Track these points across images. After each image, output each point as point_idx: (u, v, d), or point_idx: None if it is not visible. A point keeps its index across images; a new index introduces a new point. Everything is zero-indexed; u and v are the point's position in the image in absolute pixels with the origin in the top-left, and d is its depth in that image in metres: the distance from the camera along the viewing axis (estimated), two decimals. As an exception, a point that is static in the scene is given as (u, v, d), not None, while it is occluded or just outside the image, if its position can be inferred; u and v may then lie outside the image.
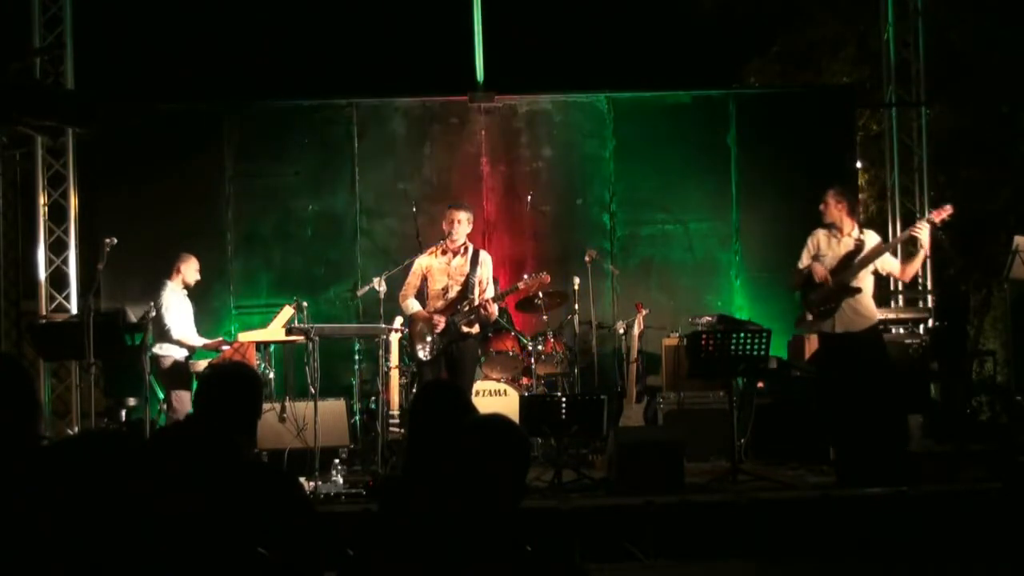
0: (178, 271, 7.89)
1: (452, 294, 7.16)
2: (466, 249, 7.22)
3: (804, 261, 7.16)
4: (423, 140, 9.43)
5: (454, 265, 7.19)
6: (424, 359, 7.06)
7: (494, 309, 7.22)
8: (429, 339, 7.05)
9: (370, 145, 9.37)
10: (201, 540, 2.35)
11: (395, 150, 9.41)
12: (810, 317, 7.15)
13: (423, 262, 7.25)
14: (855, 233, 7.06)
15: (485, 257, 7.30)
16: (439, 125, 9.45)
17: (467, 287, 7.15)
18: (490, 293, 7.29)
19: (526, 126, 9.48)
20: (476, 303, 7.09)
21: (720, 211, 9.47)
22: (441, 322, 7.05)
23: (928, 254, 7.21)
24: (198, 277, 7.98)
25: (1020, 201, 10.67)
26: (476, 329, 7.20)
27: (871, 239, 7.11)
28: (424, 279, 7.26)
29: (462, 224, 7.17)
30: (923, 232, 6.90)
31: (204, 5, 10.76)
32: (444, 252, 7.21)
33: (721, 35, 11.68)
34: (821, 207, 7.16)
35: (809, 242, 7.19)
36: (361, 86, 9.74)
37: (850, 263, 6.99)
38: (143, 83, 10.22)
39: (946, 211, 7.01)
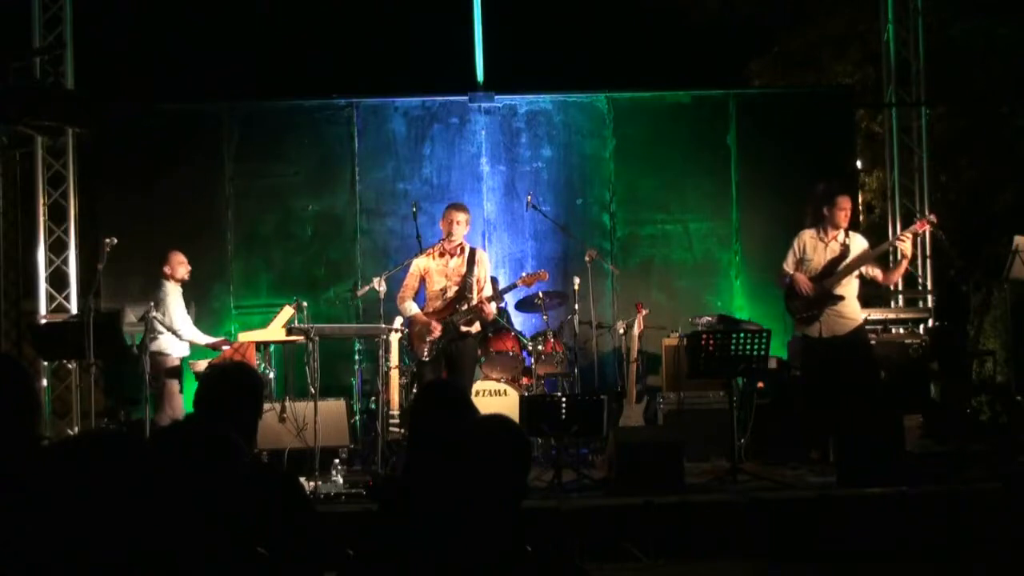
0: (167, 270, 7.86)
1: (450, 294, 7.18)
2: (463, 249, 7.23)
3: (789, 263, 7.31)
4: (423, 140, 9.43)
5: (452, 266, 7.20)
6: (424, 359, 7.08)
7: (491, 308, 7.24)
8: (428, 339, 7.07)
9: (370, 145, 9.37)
10: (201, 540, 2.35)
11: (395, 150, 9.41)
12: (792, 310, 7.25)
13: (421, 263, 7.25)
14: (841, 237, 7.16)
15: (482, 256, 7.31)
16: (439, 125, 9.45)
17: (465, 287, 7.15)
18: (488, 292, 7.31)
19: (526, 126, 9.48)
20: (474, 303, 7.09)
21: (720, 211, 9.47)
22: (437, 329, 7.06)
23: (909, 261, 7.30)
24: (188, 268, 7.96)
25: (1020, 201, 10.66)
26: (476, 328, 7.21)
27: (856, 244, 7.19)
28: (422, 280, 7.27)
29: (461, 225, 7.18)
30: (906, 243, 6.99)
31: (204, 5, 10.76)
32: (442, 254, 7.21)
33: (723, 36, 11.67)
34: (840, 216, 7.16)
35: (795, 244, 7.32)
36: (361, 86, 9.74)
37: (834, 269, 7.10)
38: (143, 83, 10.22)
39: (928, 221, 7.21)
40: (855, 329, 7.19)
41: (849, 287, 7.17)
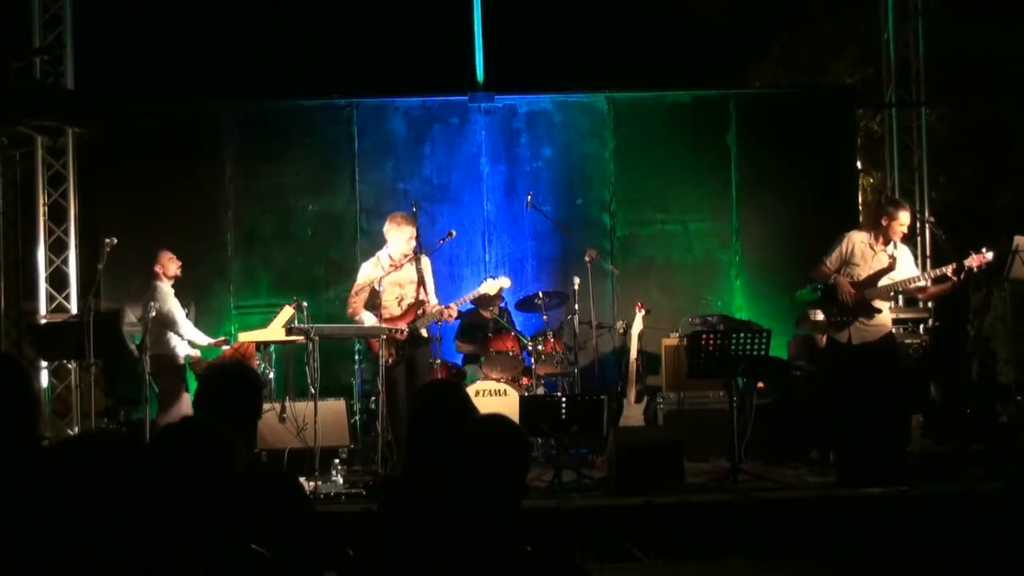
0: (159, 269, 7.83)
1: (409, 300, 7.29)
2: (410, 258, 7.30)
3: (832, 260, 7.04)
4: (423, 140, 9.43)
5: (404, 275, 7.28)
6: (390, 364, 7.12)
7: (454, 311, 7.40)
8: (394, 347, 7.14)
9: (370, 145, 9.37)
10: (200, 540, 2.35)
11: (395, 150, 9.41)
12: (818, 316, 7.18)
13: (372, 274, 7.27)
14: (890, 248, 7.00)
15: (426, 261, 7.41)
16: (439, 125, 9.45)
17: (419, 292, 7.28)
18: (430, 292, 7.39)
19: (526, 126, 9.48)
20: (436, 308, 7.24)
21: (720, 211, 9.46)
22: (404, 334, 7.16)
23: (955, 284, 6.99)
24: (179, 264, 7.93)
25: (1021, 201, 10.66)
26: (426, 332, 7.40)
27: (904, 258, 7.00)
28: (373, 290, 7.29)
29: (394, 238, 7.26)
30: (957, 277, 6.83)
31: (204, 5, 10.75)
32: (392, 265, 7.24)
33: (725, 37, 11.66)
34: (903, 230, 6.98)
35: (844, 243, 7.04)
36: (361, 86, 9.74)
37: (877, 280, 6.94)
38: (143, 83, 10.22)
39: (985, 258, 6.82)
40: (885, 335, 7.05)
41: (886, 302, 7.11)
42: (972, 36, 10.77)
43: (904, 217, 6.96)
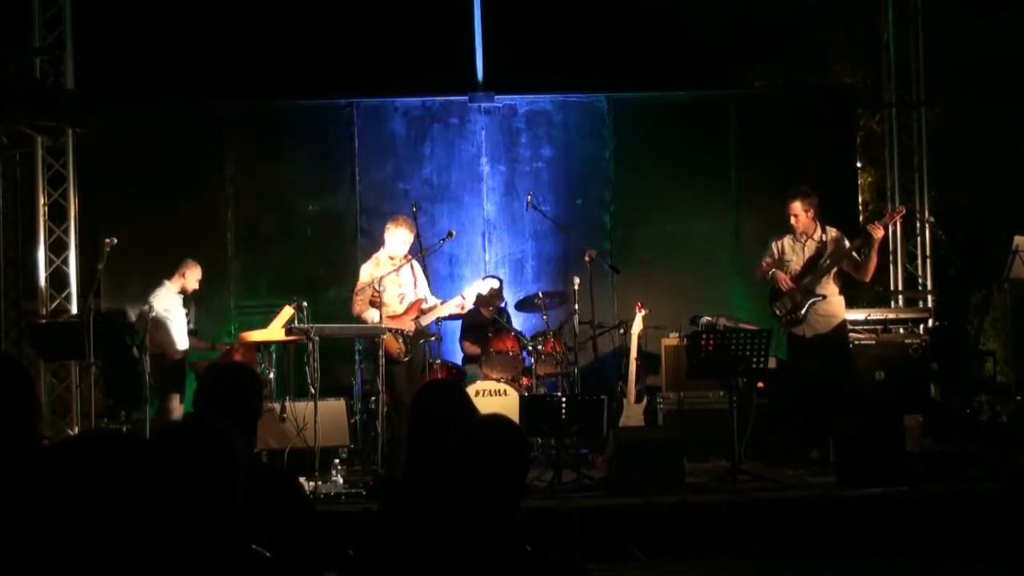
0: (182, 275, 7.88)
1: (409, 298, 7.41)
2: (409, 258, 7.47)
3: (767, 263, 7.42)
4: (423, 140, 9.43)
5: (403, 274, 7.41)
6: (403, 359, 7.26)
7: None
8: (402, 341, 7.23)
9: (370, 145, 9.37)
10: (200, 541, 2.35)
11: (395, 150, 9.41)
12: (777, 312, 7.33)
13: (375, 273, 7.31)
14: (817, 235, 7.21)
15: (416, 264, 7.61)
16: (439, 125, 9.45)
17: (417, 290, 7.46)
18: (423, 291, 7.56)
19: (526, 126, 9.48)
20: (431, 302, 7.45)
21: (720, 211, 9.47)
22: (412, 328, 7.30)
23: (877, 253, 7.24)
24: (197, 287, 7.98)
25: (1021, 201, 10.65)
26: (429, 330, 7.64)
27: (832, 238, 7.22)
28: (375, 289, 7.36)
29: (395, 241, 7.39)
30: (879, 231, 7.08)
31: (204, 5, 10.75)
32: (394, 267, 7.34)
33: (725, 37, 11.65)
34: (792, 221, 7.22)
35: (773, 247, 7.40)
36: (361, 86, 9.74)
37: (814, 267, 7.12)
38: (143, 83, 10.21)
39: (899, 213, 7.44)
40: (836, 327, 7.28)
41: (830, 286, 7.23)
42: (972, 36, 10.76)
43: (793, 208, 7.25)
